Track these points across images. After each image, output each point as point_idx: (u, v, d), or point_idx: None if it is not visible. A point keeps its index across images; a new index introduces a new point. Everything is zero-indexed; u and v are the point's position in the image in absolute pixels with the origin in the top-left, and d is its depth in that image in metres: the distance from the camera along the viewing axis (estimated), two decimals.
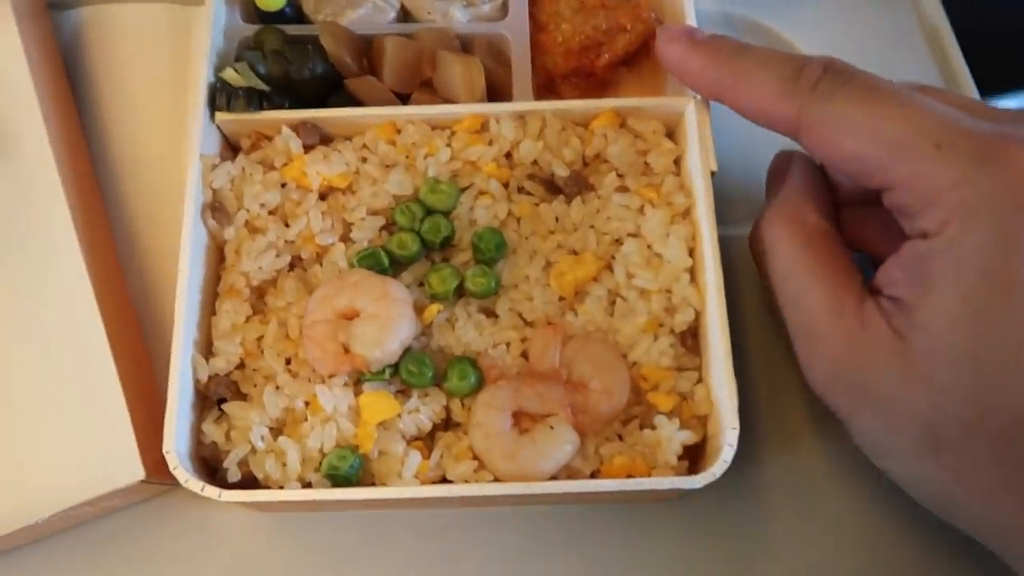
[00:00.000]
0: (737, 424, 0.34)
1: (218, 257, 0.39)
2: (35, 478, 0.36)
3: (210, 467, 0.36)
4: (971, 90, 0.50)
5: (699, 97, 0.40)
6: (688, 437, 0.35)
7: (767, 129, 0.34)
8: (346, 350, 0.35)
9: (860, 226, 0.34)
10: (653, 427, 0.36)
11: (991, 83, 0.52)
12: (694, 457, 0.36)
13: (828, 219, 0.31)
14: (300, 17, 0.44)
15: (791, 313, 0.30)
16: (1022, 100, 0.62)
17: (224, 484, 0.35)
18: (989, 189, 0.24)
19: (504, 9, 0.44)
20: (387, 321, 0.35)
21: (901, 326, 0.26)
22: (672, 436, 0.35)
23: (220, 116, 0.39)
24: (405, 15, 0.45)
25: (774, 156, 0.38)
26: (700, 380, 0.37)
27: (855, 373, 0.27)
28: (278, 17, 0.43)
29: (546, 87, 0.44)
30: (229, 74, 0.40)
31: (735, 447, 0.33)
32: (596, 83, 0.44)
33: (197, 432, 0.36)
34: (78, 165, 0.43)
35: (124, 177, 0.46)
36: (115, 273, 0.42)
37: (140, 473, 0.35)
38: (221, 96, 0.39)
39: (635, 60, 0.44)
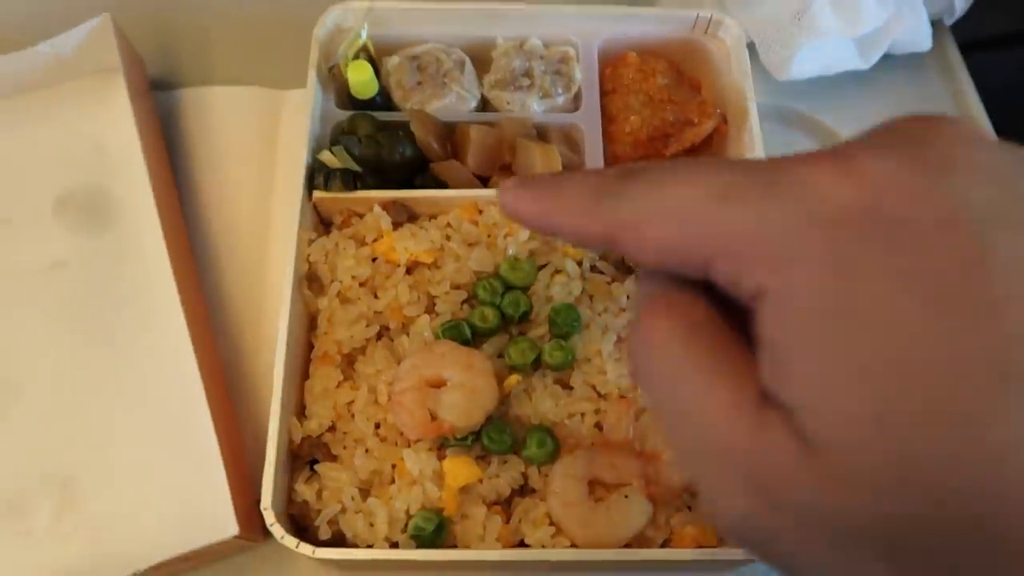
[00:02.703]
0: None
1: (308, 324, 0.42)
2: (135, 531, 0.38)
3: (298, 525, 0.38)
4: None
5: None
6: None
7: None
8: (433, 417, 0.37)
9: None
10: None
11: None
12: None
13: (714, 305, 0.22)
14: (388, 105, 0.47)
15: (683, 429, 0.21)
16: None
17: (312, 542, 0.36)
18: (785, 218, 0.18)
19: (576, 102, 0.48)
20: (473, 390, 0.37)
21: (793, 420, 0.18)
22: None
23: (317, 195, 0.43)
24: (484, 104, 0.48)
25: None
26: None
27: (773, 495, 0.19)
28: (369, 104, 0.47)
29: None
30: (326, 156, 0.43)
31: None
32: None
33: (288, 491, 0.38)
34: (177, 233, 0.47)
35: (214, 244, 0.49)
36: (208, 333, 0.45)
37: (234, 528, 0.37)
38: (319, 176, 0.43)
39: (697, 149, 0.48)
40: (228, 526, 0.37)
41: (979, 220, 0.16)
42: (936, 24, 0.56)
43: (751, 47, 0.54)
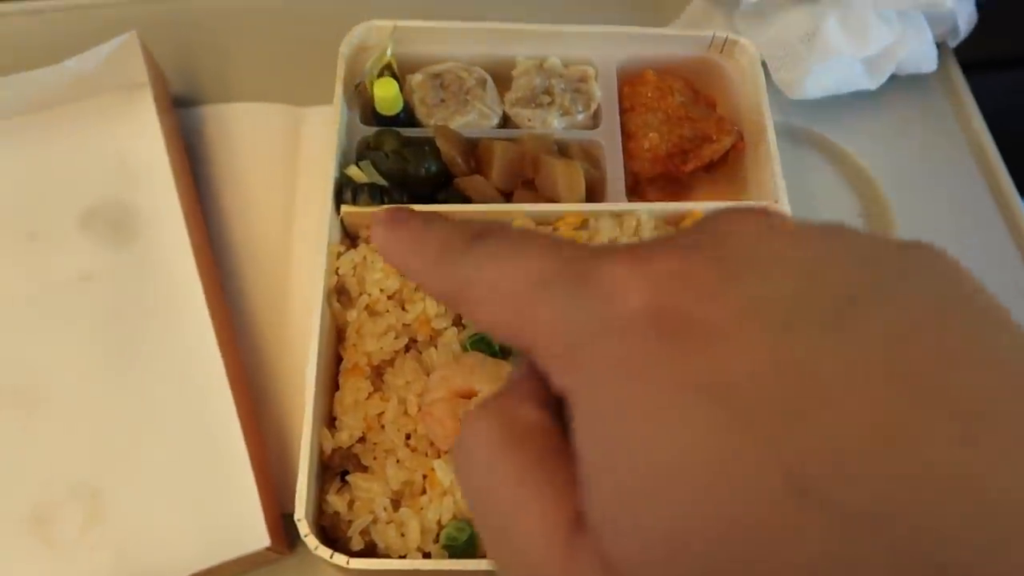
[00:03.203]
0: None
1: (337, 336, 0.42)
2: (163, 542, 0.38)
3: (328, 536, 0.38)
4: (1016, 199, 0.54)
5: (779, 202, 0.44)
6: None
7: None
8: None
9: None
10: None
11: None
12: None
13: (551, 414, 0.20)
14: (411, 121, 0.48)
15: (498, 545, 0.19)
16: None
17: (344, 552, 0.36)
18: (583, 319, 0.17)
19: (596, 119, 0.49)
20: None
21: (598, 543, 0.17)
22: None
23: (346, 209, 0.43)
24: (505, 121, 0.49)
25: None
26: None
27: None
28: (393, 120, 0.47)
29: (632, 189, 0.49)
30: (353, 171, 0.44)
31: None
32: (679, 186, 0.48)
33: (319, 502, 0.38)
34: (201, 245, 0.47)
35: (237, 256, 0.49)
36: (234, 344, 0.45)
37: (266, 540, 0.37)
38: (347, 191, 0.43)
39: (714, 166, 0.49)
40: (259, 537, 0.37)
41: (773, 320, 0.15)
42: (940, 46, 0.57)
43: (763, 66, 0.55)
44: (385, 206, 0.21)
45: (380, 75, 0.47)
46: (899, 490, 0.13)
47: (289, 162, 0.52)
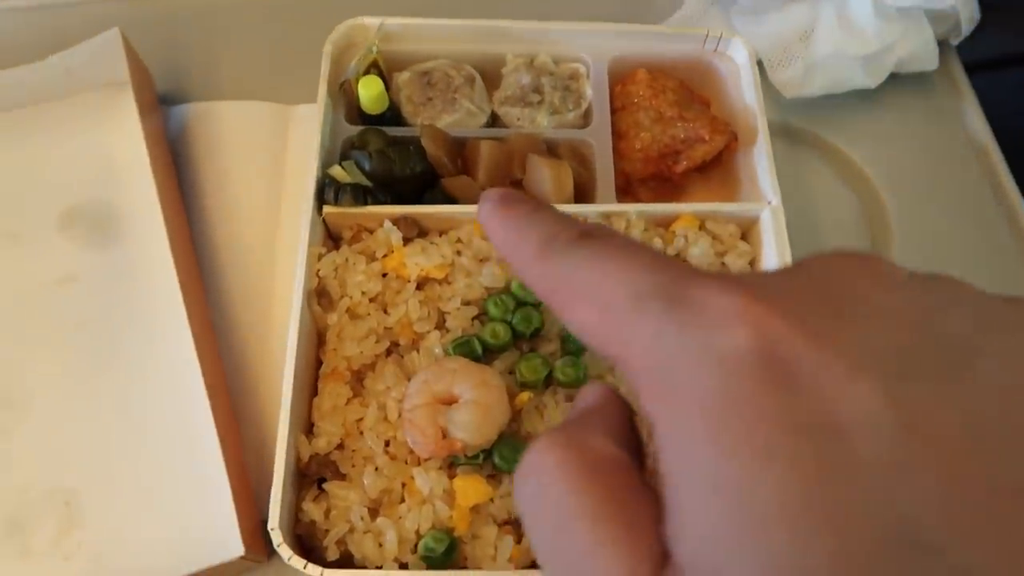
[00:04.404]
0: None
1: (317, 340, 0.41)
2: (138, 551, 0.38)
3: (305, 545, 0.37)
4: (1018, 200, 0.53)
5: (774, 203, 0.43)
6: None
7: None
8: (444, 434, 0.37)
9: None
10: None
11: None
12: None
13: (623, 447, 0.20)
14: (398, 120, 0.47)
15: None
16: None
17: (320, 562, 0.36)
18: (679, 345, 0.16)
19: (586, 118, 0.48)
20: (486, 408, 0.37)
21: None
22: None
23: (327, 209, 0.42)
24: (494, 120, 0.48)
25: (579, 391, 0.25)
26: None
27: None
28: (378, 119, 0.46)
29: (623, 190, 0.47)
30: (336, 171, 0.43)
31: None
32: (671, 187, 0.47)
33: (295, 510, 0.37)
34: (184, 248, 0.46)
35: (221, 258, 0.48)
36: (214, 349, 0.44)
37: (240, 549, 0.36)
38: (329, 191, 0.42)
39: (707, 167, 0.47)
40: (233, 546, 0.37)
41: (885, 369, 0.15)
42: (942, 44, 0.56)
43: (759, 65, 0.54)
44: (497, 188, 0.20)
45: (366, 73, 0.47)
46: (1019, 552, 0.13)
47: (276, 161, 0.52)
